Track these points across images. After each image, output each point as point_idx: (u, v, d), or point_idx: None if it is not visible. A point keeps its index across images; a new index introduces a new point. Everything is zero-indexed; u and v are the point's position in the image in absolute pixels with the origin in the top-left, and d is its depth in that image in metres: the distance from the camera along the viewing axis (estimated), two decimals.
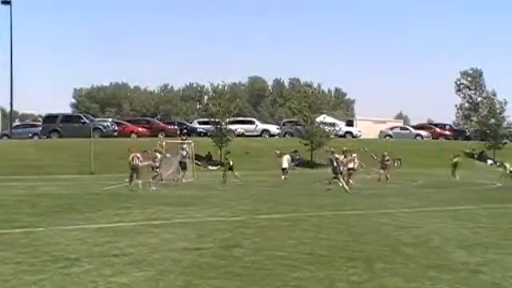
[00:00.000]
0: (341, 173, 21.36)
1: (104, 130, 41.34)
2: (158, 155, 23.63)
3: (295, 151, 40.18)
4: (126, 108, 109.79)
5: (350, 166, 23.22)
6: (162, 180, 23.39)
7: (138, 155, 21.44)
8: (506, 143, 46.20)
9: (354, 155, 24.34)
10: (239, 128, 45.57)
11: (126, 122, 47.09)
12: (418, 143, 48.07)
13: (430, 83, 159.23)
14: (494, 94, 51.03)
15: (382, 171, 26.86)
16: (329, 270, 7.49)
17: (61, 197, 17.88)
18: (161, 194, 19.27)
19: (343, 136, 47.52)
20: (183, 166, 26.42)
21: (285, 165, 26.64)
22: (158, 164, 23.54)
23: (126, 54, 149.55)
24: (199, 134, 43.62)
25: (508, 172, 28.26)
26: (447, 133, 54.26)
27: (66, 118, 44.23)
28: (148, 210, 14.35)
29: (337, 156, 21.39)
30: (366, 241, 9.82)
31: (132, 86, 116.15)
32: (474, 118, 59.58)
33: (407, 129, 55.87)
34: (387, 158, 27.48)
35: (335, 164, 20.97)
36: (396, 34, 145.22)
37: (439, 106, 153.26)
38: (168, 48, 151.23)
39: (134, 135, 43.15)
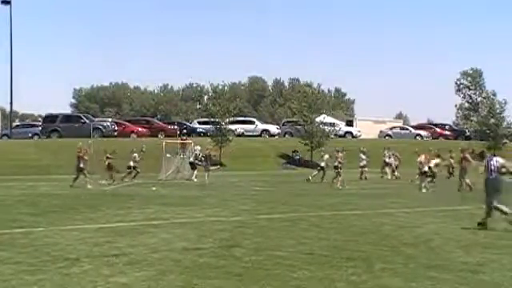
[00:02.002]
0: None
1: (104, 130, 41.35)
2: (136, 155, 24.77)
3: (295, 151, 40.20)
4: (125, 108, 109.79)
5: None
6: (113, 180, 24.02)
7: (82, 155, 22.09)
8: (505, 143, 46.18)
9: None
10: (239, 128, 45.56)
11: (125, 122, 47.08)
12: (417, 143, 48.01)
13: (430, 83, 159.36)
14: (494, 94, 51.01)
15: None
16: (329, 270, 7.49)
17: (61, 197, 17.88)
18: (161, 194, 19.27)
19: (343, 136, 47.52)
20: (193, 166, 26.39)
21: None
22: (135, 164, 24.59)
23: (126, 54, 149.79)
24: (199, 134, 43.62)
25: None
26: (447, 133, 54.21)
27: (66, 118, 44.24)
28: (148, 210, 14.36)
29: (210, 153, 26.06)
30: (366, 241, 9.82)
31: (132, 86, 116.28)
32: (474, 118, 59.54)
33: (407, 129, 55.84)
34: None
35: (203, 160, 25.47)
36: (396, 34, 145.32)
37: (439, 106, 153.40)
38: (168, 48, 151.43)
39: (133, 135, 43.15)
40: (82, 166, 21.85)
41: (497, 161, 12.00)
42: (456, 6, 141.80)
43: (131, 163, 25.50)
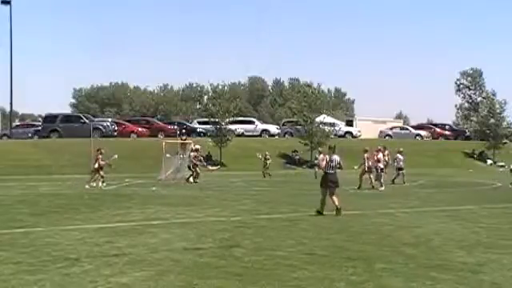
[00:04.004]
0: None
1: (104, 130, 41.34)
2: (193, 154, 24.54)
3: (295, 151, 40.21)
4: (125, 108, 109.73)
5: None
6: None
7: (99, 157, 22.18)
8: (505, 143, 46.24)
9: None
10: (239, 128, 45.57)
11: (125, 122, 47.08)
12: (417, 143, 48.07)
13: (430, 83, 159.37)
14: (494, 94, 51.08)
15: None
16: (329, 270, 7.49)
17: (61, 197, 17.88)
18: (161, 194, 19.27)
19: (343, 136, 47.55)
20: (193, 165, 26.27)
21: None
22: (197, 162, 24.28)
23: (126, 53, 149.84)
24: (199, 134, 43.64)
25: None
26: (447, 133, 54.30)
27: (66, 118, 44.23)
28: (148, 210, 14.36)
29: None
30: (366, 241, 9.82)
31: (132, 86, 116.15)
32: (474, 118, 59.62)
33: (407, 129, 55.90)
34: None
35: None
36: (396, 34, 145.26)
37: (439, 106, 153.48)
38: (168, 48, 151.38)
39: (133, 135, 43.16)
40: (96, 166, 21.83)
41: (335, 158, 13.62)
42: (456, 6, 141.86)
43: (193, 161, 25.10)
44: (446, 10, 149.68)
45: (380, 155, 22.18)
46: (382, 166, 21.86)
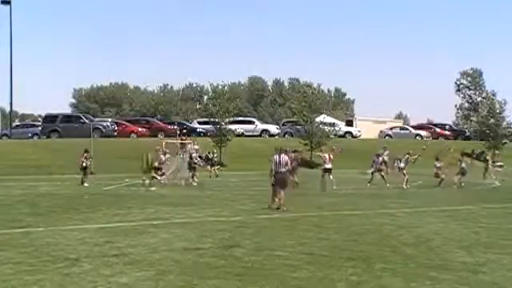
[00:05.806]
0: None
1: (104, 130, 41.33)
2: (162, 156, 24.30)
3: (295, 151, 40.18)
4: (125, 108, 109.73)
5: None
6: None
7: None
8: (505, 143, 46.20)
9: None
10: (239, 128, 45.53)
11: (125, 122, 47.06)
12: (417, 143, 48.01)
13: (430, 83, 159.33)
14: (494, 94, 51.02)
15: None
16: (328, 270, 7.50)
17: (61, 197, 17.87)
18: (161, 193, 19.27)
19: (343, 136, 47.53)
20: (192, 166, 26.12)
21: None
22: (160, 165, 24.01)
23: (126, 54, 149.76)
24: (199, 134, 43.62)
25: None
26: (447, 133, 54.25)
27: (66, 118, 44.20)
28: (148, 209, 14.36)
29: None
30: (366, 241, 9.82)
31: (132, 86, 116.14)
32: (474, 118, 59.62)
33: (407, 129, 55.86)
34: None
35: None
36: (396, 34, 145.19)
37: (439, 106, 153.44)
38: (168, 48, 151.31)
39: (133, 135, 43.15)
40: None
41: (283, 158, 14.59)
42: (456, 6, 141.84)
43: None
44: (446, 10, 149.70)
45: (326, 155, 22.59)
46: (326, 167, 22.04)
